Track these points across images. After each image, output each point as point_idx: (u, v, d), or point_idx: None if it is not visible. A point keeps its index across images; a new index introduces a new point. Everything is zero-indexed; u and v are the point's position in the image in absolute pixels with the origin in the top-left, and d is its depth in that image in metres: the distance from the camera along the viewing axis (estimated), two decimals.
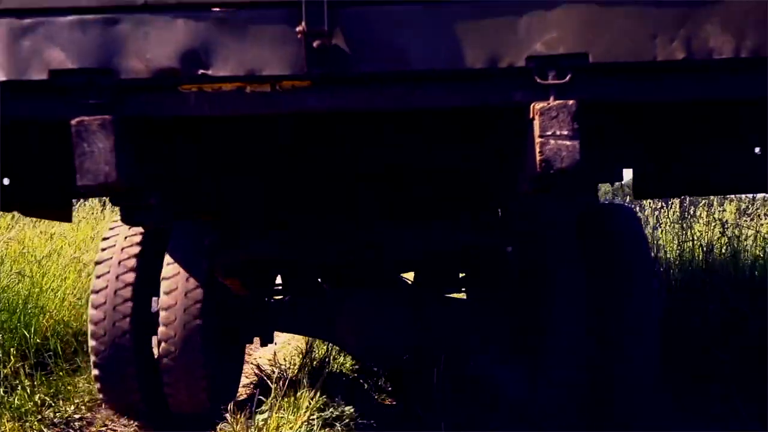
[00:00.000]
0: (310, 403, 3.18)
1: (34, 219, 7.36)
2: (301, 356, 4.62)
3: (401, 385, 4.28)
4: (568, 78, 1.70)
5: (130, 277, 3.26)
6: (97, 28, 1.72)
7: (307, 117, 2.04)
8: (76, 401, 3.83)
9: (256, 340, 4.04)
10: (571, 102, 1.68)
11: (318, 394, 3.30)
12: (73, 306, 5.10)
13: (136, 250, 3.33)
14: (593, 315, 3.10)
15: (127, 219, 2.33)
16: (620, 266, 3.06)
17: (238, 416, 3.17)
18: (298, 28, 1.68)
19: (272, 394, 3.25)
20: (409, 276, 4.29)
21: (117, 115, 1.74)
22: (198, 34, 1.72)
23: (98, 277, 3.32)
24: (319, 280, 4.06)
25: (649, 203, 8.31)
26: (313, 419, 3.12)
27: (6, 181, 2.29)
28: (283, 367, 4.45)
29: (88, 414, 3.75)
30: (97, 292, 3.27)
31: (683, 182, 2.54)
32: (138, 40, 1.72)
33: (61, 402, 3.78)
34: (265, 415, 3.06)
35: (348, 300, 3.47)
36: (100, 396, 3.43)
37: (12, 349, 4.00)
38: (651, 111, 2.13)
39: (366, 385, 4.29)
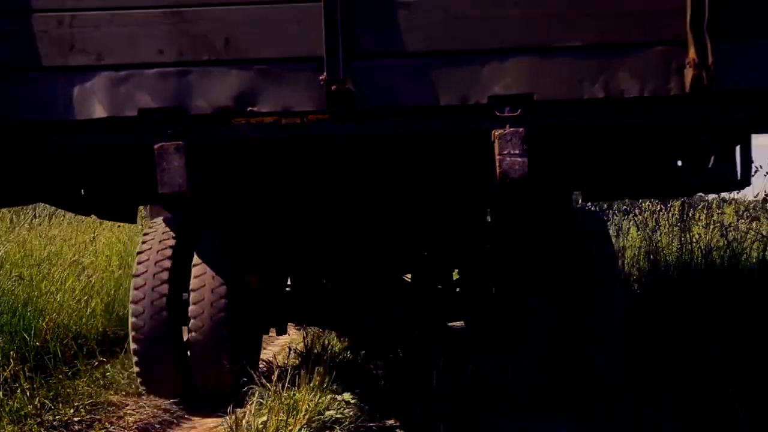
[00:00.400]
0: (308, 406, 3.18)
1: (34, 223, 7.37)
2: (300, 359, 4.62)
3: (401, 387, 4.29)
4: (518, 112, 2.27)
5: (165, 275, 3.78)
6: (173, 77, 2.31)
7: (323, 147, 2.67)
8: (76, 404, 3.82)
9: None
10: (521, 129, 2.26)
11: (317, 396, 3.30)
12: (73, 309, 5.10)
13: (169, 253, 3.85)
14: (566, 307, 3.59)
15: (187, 218, 3.60)
16: (588, 262, 3.59)
17: (237, 420, 3.17)
18: (321, 77, 2.25)
19: (271, 397, 3.25)
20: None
21: (187, 141, 2.31)
22: (247, 81, 2.31)
23: (137, 278, 3.83)
24: (324, 281, 4.63)
25: (648, 206, 8.33)
26: (313, 422, 3.12)
27: (82, 191, 3.24)
28: (282, 369, 4.45)
29: (88, 417, 3.74)
30: (137, 289, 3.79)
31: (623, 188, 3.47)
32: (203, 85, 2.31)
33: (60, 405, 3.77)
34: (264, 418, 3.06)
35: (352, 295, 4.09)
36: (138, 379, 3.91)
37: (12, 352, 4.00)
38: (596, 135, 2.67)
39: (365, 388, 4.29)
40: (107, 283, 6.07)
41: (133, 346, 3.82)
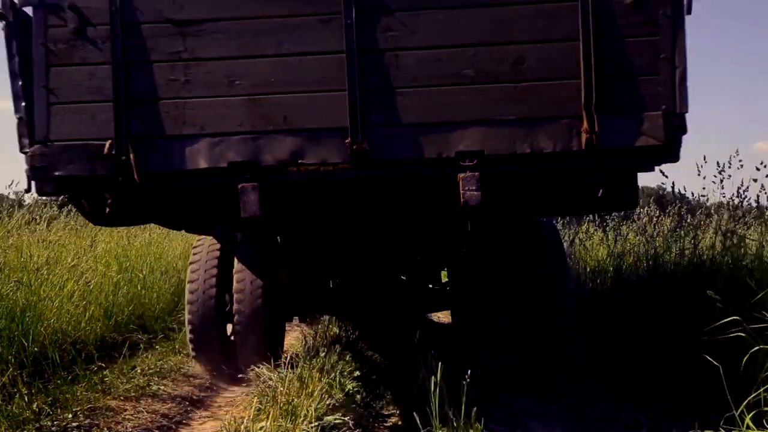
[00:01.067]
0: (307, 412, 3.18)
1: (33, 226, 7.37)
2: (300, 362, 4.62)
3: (400, 393, 4.29)
4: (475, 162, 3.35)
5: (213, 281, 5.14)
6: (250, 141, 3.41)
7: (348, 185, 3.70)
8: (75, 409, 3.83)
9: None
10: (476, 173, 3.34)
11: (316, 402, 3.30)
12: (72, 314, 5.10)
13: (215, 263, 5.22)
14: (529, 295, 4.88)
15: (252, 234, 5.11)
16: (545, 259, 5.04)
17: (236, 425, 3.17)
18: (347, 141, 3.35)
19: (270, 402, 3.25)
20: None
21: (259, 183, 3.38)
22: (297, 143, 3.40)
23: (192, 284, 5.19)
24: (338, 279, 6.00)
25: (647, 211, 8.35)
26: (312, 427, 3.11)
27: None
28: (282, 374, 4.45)
29: (87, 422, 3.75)
30: (191, 292, 5.15)
31: (549, 209, 4.88)
32: (269, 146, 3.40)
33: (59, 410, 3.78)
34: (263, 423, 3.06)
35: (362, 291, 5.38)
36: (193, 361, 5.26)
37: (10, 357, 4.00)
38: (528, 176, 3.68)
39: (365, 393, 4.30)
40: (106, 288, 6.07)
41: (189, 336, 5.17)
